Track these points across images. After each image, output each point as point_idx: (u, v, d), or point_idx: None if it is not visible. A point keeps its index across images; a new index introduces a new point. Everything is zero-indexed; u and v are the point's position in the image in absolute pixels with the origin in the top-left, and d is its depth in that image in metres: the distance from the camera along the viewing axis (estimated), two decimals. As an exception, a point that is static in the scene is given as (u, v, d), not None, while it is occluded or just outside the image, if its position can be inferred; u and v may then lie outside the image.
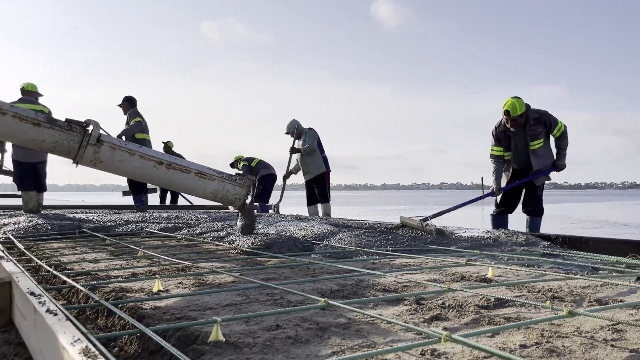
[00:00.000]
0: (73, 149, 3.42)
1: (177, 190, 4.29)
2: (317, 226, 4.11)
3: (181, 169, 3.74)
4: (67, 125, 3.46)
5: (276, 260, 3.11)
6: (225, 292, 2.15)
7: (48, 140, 3.40)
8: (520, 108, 5.12)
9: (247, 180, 3.97)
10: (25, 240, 4.49)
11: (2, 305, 1.76)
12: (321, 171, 7.87)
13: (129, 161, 3.60)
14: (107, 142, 3.56)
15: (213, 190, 3.81)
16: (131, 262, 3.13)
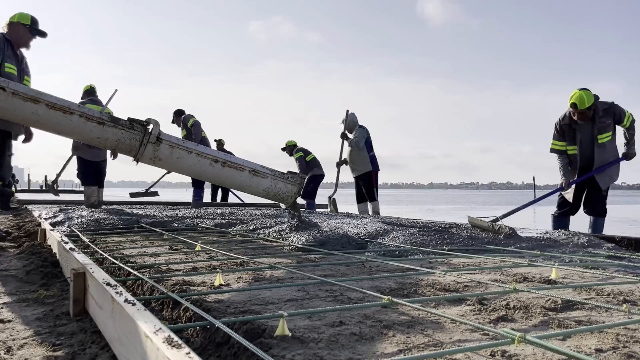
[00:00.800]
0: (134, 147, 3.55)
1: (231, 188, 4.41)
2: (370, 224, 4.09)
3: (236, 166, 3.83)
4: (129, 124, 3.59)
5: (332, 257, 3.12)
6: (285, 287, 2.17)
7: (111, 139, 3.55)
8: (588, 100, 4.92)
9: (299, 178, 4.02)
10: (88, 233, 4.67)
11: (76, 295, 1.84)
12: (367, 170, 7.84)
13: (186, 159, 3.70)
14: (166, 140, 3.66)
15: (266, 187, 3.89)
16: (190, 256, 3.20)
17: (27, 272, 2.53)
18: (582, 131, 5.14)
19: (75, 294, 1.84)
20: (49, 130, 3.58)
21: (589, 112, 4.99)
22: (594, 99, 4.97)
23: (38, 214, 5.95)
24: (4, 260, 2.99)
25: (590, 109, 4.97)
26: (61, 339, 1.57)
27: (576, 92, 4.96)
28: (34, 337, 1.61)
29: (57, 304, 2.03)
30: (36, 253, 3.08)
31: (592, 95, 4.96)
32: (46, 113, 3.29)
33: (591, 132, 5.09)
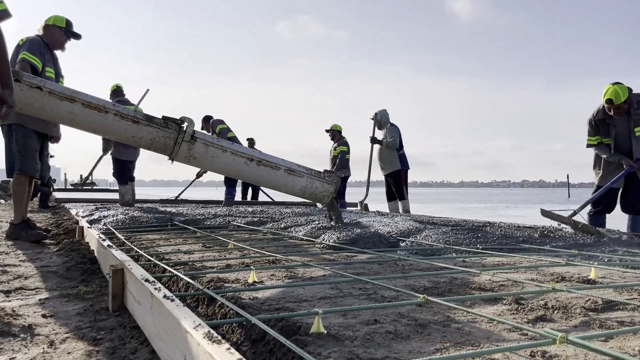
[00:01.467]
0: (169, 145, 3.55)
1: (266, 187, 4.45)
2: (402, 223, 4.06)
3: (271, 165, 3.79)
4: (163, 122, 3.59)
5: (363, 256, 3.11)
6: (318, 285, 2.17)
7: (146, 137, 3.56)
8: (623, 94, 4.78)
9: (336, 177, 3.97)
10: (123, 231, 4.77)
11: (115, 291, 1.88)
12: (396, 168, 7.77)
13: (221, 157, 3.69)
14: (201, 138, 3.65)
15: (302, 187, 3.84)
16: (223, 254, 3.24)
17: (67, 269, 2.60)
18: (617, 125, 5.00)
19: (114, 289, 1.88)
20: (85, 130, 3.62)
21: (624, 106, 4.85)
22: (628, 92, 4.83)
23: (75, 212, 6.10)
24: (45, 257, 3.08)
25: (625, 103, 4.83)
26: (101, 333, 1.61)
27: (610, 87, 4.83)
28: (75, 332, 1.65)
29: (97, 299, 2.07)
30: (75, 250, 3.16)
31: (626, 89, 4.82)
32: (82, 112, 3.34)
33: (627, 125, 4.95)
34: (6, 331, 1.61)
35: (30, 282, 2.41)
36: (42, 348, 1.49)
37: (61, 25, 4.35)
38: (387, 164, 7.85)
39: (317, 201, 4.06)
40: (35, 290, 2.27)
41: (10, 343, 1.53)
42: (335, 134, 9.34)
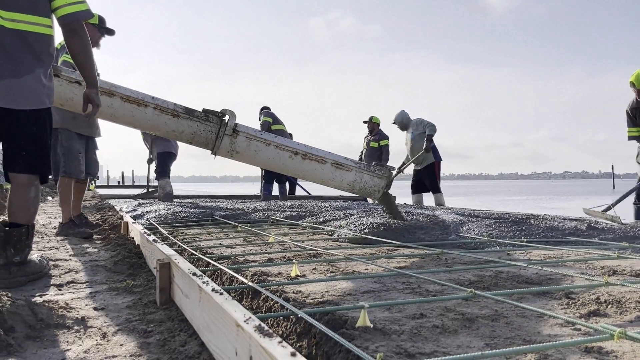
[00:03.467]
0: (210, 139, 3.45)
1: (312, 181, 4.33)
2: (444, 215, 4.00)
3: (317, 159, 3.65)
4: (204, 115, 3.49)
5: (405, 250, 3.08)
6: (361, 279, 2.16)
7: (187, 131, 3.47)
8: None
9: (387, 171, 3.82)
10: (165, 226, 4.87)
11: (162, 285, 1.92)
12: (430, 161, 7.66)
13: (264, 151, 3.57)
14: (243, 132, 3.54)
15: (350, 181, 3.70)
16: (264, 247, 3.26)
17: (114, 263, 2.67)
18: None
19: (161, 283, 1.92)
20: (125, 124, 3.55)
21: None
22: None
23: (119, 207, 6.27)
24: (93, 252, 3.17)
25: None
26: (151, 326, 1.64)
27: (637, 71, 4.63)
28: (125, 324, 1.69)
29: (144, 292, 2.12)
30: (121, 245, 3.25)
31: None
32: (121, 106, 3.30)
33: None
34: (60, 324, 1.67)
35: (81, 275, 2.48)
36: (95, 340, 1.54)
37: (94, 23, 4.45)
38: (421, 159, 7.74)
39: (368, 196, 3.92)
40: (85, 283, 2.34)
41: (64, 335, 1.58)
42: (375, 127, 9.21)
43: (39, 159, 2.39)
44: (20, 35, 2.31)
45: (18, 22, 2.30)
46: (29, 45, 2.33)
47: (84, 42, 2.45)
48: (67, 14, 2.39)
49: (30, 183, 2.36)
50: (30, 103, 2.34)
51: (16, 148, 2.35)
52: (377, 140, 9.06)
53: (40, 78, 2.37)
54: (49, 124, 2.45)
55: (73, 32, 2.41)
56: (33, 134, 2.37)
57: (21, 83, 2.30)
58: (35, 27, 2.35)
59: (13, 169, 2.36)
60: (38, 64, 2.36)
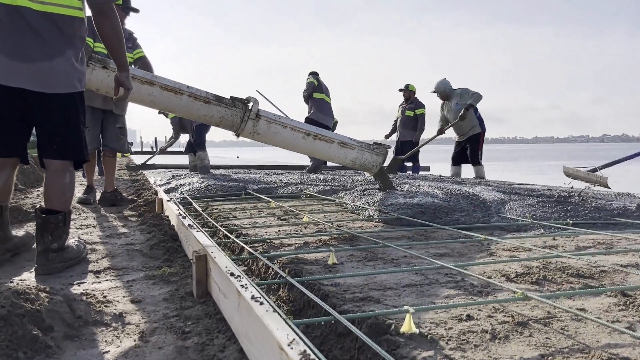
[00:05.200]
0: (236, 123, 3.87)
1: (321, 158, 5.05)
2: (485, 193, 3.85)
3: (326, 139, 4.17)
4: (231, 102, 3.89)
5: (444, 232, 2.98)
6: (401, 272, 2.08)
7: (216, 116, 3.88)
8: None
9: (384, 149, 4.35)
10: (199, 200, 4.88)
11: (199, 277, 1.89)
12: (477, 131, 7.38)
13: (282, 133, 4.06)
14: (264, 116, 3.97)
15: (352, 158, 4.26)
16: (299, 227, 3.21)
17: (150, 247, 2.66)
18: None
19: (197, 276, 1.89)
20: (162, 109, 3.99)
21: None
22: None
23: (154, 180, 6.32)
24: (129, 233, 3.18)
25: None
26: (189, 324, 1.61)
27: None
28: (163, 321, 1.66)
29: (181, 282, 2.10)
30: (156, 225, 3.24)
31: None
32: (160, 94, 3.60)
33: None
34: (99, 320, 1.65)
35: (117, 261, 2.48)
36: (133, 340, 1.51)
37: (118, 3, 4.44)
38: (467, 128, 7.42)
39: (366, 170, 4.46)
40: (122, 269, 2.33)
41: (103, 334, 1.57)
42: (411, 95, 8.95)
43: (72, 144, 2.36)
44: (50, 17, 2.26)
45: (47, 4, 2.25)
46: (59, 27, 2.28)
47: (114, 24, 2.38)
48: None
49: (64, 169, 2.34)
50: (62, 86, 2.29)
51: (49, 134, 2.32)
52: (413, 109, 8.82)
53: (71, 61, 2.32)
54: (82, 108, 2.42)
55: (103, 13, 2.35)
56: (66, 119, 2.33)
57: (52, 66, 2.26)
58: (65, 10, 2.29)
59: (47, 155, 2.34)
60: (69, 46, 2.31)
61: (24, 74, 2.22)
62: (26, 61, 2.22)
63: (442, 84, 7.56)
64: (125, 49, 2.50)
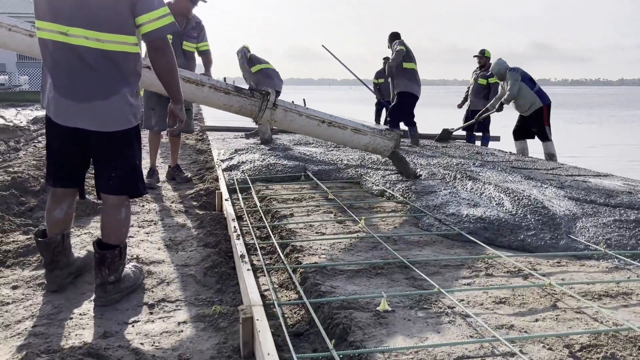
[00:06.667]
0: (254, 111, 4.15)
1: (335, 142, 5.25)
2: (555, 206, 3.57)
3: (339, 126, 4.46)
4: (250, 93, 4.15)
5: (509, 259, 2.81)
6: (456, 344, 1.97)
7: (235, 105, 4.12)
8: None
9: (395, 134, 4.69)
10: (258, 182, 4.91)
11: (245, 339, 1.89)
12: (537, 107, 6.91)
13: (297, 120, 4.33)
14: (281, 106, 4.22)
15: (365, 143, 4.58)
16: (354, 240, 3.13)
17: (204, 273, 2.69)
18: None
19: (244, 338, 1.89)
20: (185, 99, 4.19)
21: None
22: None
23: (217, 154, 6.38)
24: (187, 243, 3.23)
25: None
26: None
27: None
28: (207, 396, 1.67)
29: (229, 329, 2.10)
30: (213, 234, 3.28)
31: None
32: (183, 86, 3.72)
33: None
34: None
35: (171, 290, 2.52)
36: None
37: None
38: (526, 106, 6.99)
39: (379, 154, 4.80)
40: (175, 303, 2.37)
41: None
42: (486, 61, 8.42)
43: (127, 179, 2.38)
44: (107, 55, 2.24)
45: (103, 41, 2.23)
46: (115, 65, 2.27)
47: (168, 59, 2.34)
48: (151, 31, 2.28)
49: (120, 204, 2.37)
50: (118, 124, 2.30)
51: (105, 169, 2.35)
52: (487, 77, 8.30)
53: (126, 98, 2.31)
54: (137, 142, 2.42)
55: (157, 49, 2.32)
56: (121, 155, 2.35)
57: (108, 105, 2.27)
58: (121, 46, 2.26)
59: (103, 190, 2.37)
60: (125, 83, 2.31)
61: (80, 113, 2.25)
62: (82, 101, 2.23)
63: (497, 65, 7.14)
64: (179, 83, 2.45)
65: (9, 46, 3.38)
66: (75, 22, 2.21)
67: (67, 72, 2.24)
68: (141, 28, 2.29)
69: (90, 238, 3.22)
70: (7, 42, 3.34)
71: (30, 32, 3.37)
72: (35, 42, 3.26)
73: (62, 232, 2.48)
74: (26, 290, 2.48)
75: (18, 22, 3.35)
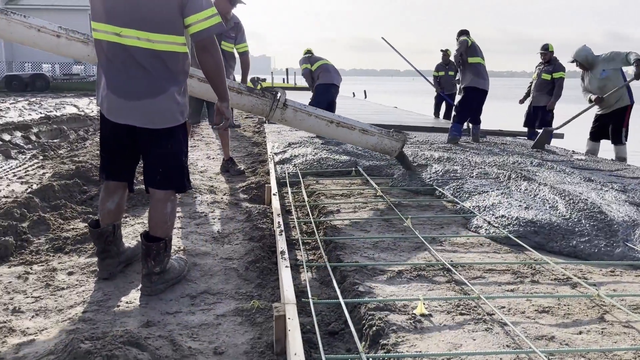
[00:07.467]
0: (265, 110, 4.29)
1: (344, 142, 5.23)
2: (613, 211, 3.33)
3: (347, 126, 4.58)
4: (261, 92, 4.28)
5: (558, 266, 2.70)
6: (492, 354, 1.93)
7: (247, 104, 4.27)
8: None
9: (402, 136, 4.80)
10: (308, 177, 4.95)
11: (278, 336, 1.92)
12: (624, 104, 6.43)
13: (307, 120, 4.46)
14: (291, 105, 4.36)
15: (373, 143, 4.69)
16: (398, 241, 3.11)
17: (246, 267, 2.75)
18: None
19: (277, 335, 1.92)
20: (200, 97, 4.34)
21: None
22: None
23: (271, 147, 6.48)
24: (233, 236, 3.31)
25: None
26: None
27: None
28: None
29: (265, 325, 2.15)
30: (259, 228, 3.34)
31: None
32: (198, 85, 3.92)
33: None
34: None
35: (213, 282, 2.60)
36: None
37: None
38: (614, 100, 6.44)
39: (387, 154, 4.90)
40: (216, 296, 2.44)
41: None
42: (550, 56, 8.00)
43: (174, 175, 2.47)
44: (157, 55, 2.34)
45: (154, 42, 2.32)
46: (165, 64, 2.36)
47: (215, 58, 2.41)
48: (199, 31, 2.36)
49: (166, 198, 2.46)
50: (165, 122, 2.39)
51: (153, 165, 2.44)
52: (551, 71, 7.88)
53: (174, 96, 2.40)
54: (184, 138, 2.50)
55: (204, 49, 2.40)
56: (168, 151, 2.44)
57: (157, 103, 2.36)
58: (171, 46, 2.35)
59: (151, 184, 2.47)
60: (173, 82, 2.39)
61: (131, 111, 2.35)
62: (133, 99, 2.34)
63: (584, 51, 6.64)
64: (225, 81, 2.52)
65: (38, 45, 3.60)
66: (128, 23, 2.31)
67: (119, 72, 2.34)
68: (189, 28, 2.36)
69: (142, 228, 3.36)
70: (38, 41, 3.57)
71: (57, 33, 3.58)
72: (61, 43, 3.58)
73: (113, 223, 2.60)
74: (80, 277, 2.63)
75: (47, 24, 3.56)
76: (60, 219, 3.52)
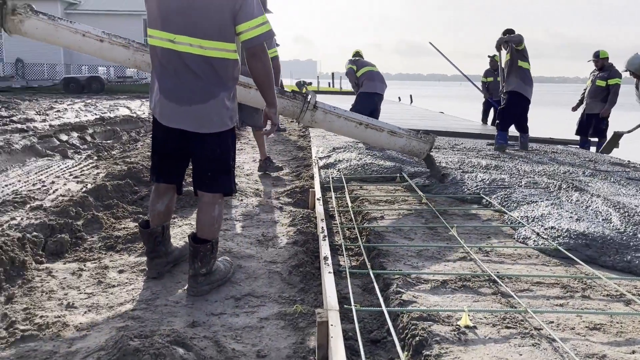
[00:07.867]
0: (296, 112, 4.36)
1: (372, 144, 5.37)
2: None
3: (376, 128, 4.63)
4: (292, 95, 4.35)
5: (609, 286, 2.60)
6: (538, 360, 1.88)
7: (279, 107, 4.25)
8: None
9: (431, 137, 4.78)
10: (352, 182, 4.95)
11: (320, 342, 1.92)
12: None
13: (336, 122, 4.53)
14: (321, 108, 4.43)
15: (401, 145, 4.74)
16: (442, 250, 3.06)
17: (290, 271, 2.78)
18: None
19: (319, 340, 1.93)
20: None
21: None
22: None
23: (316, 151, 6.52)
24: (277, 240, 3.34)
25: None
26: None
27: None
28: (279, 394, 1.74)
29: (307, 330, 2.16)
30: (303, 233, 3.36)
31: None
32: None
33: None
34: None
35: (258, 285, 2.64)
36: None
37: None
38: None
39: (415, 156, 4.98)
40: (260, 299, 2.48)
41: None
42: (604, 62, 7.71)
43: (221, 179, 2.53)
44: (209, 61, 2.40)
45: (206, 48, 2.39)
46: (216, 71, 2.42)
47: (265, 64, 2.45)
48: (249, 39, 2.41)
49: (214, 202, 2.52)
50: (215, 127, 2.45)
51: (202, 168, 2.51)
52: (606, 78, 7.61)
53: (224, 102, 2.45)
54: (232, 144, 2.56)
55: (254, 55, 2.45)
56: (217, 156, 2.49)
57: (207, 108, 2.42)
58: (222, 53, 2.41)
59: (199, 187, 2.54)
60: (223, 88, 2.45)
61: (182, 116, 2.42)
62: (184, 104, 2.40)
63: (637, 59, 6.39)
64: (274, 87, 2.56)
65: (83, 49, 3.81)
66: (182, 30, 2.38)
67: (172, 77, 2.42)
68: (241, 36, 2.41)
69: (191, 229, 3.44)
70: (82, 45, 3.77)
71: (100, 37, 3.77)
72: (104, 47, 3.77)
73: (162, 224, 2.68)
74: (130, 275, 2.72)
75: (91, 29, 3.75)
76: (112, 218, 3.65)
